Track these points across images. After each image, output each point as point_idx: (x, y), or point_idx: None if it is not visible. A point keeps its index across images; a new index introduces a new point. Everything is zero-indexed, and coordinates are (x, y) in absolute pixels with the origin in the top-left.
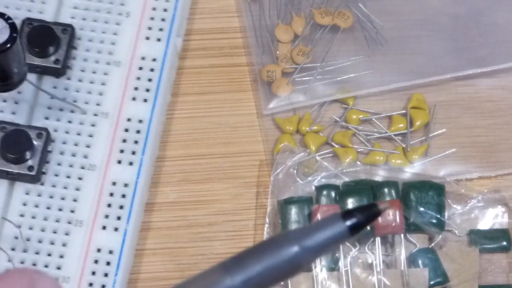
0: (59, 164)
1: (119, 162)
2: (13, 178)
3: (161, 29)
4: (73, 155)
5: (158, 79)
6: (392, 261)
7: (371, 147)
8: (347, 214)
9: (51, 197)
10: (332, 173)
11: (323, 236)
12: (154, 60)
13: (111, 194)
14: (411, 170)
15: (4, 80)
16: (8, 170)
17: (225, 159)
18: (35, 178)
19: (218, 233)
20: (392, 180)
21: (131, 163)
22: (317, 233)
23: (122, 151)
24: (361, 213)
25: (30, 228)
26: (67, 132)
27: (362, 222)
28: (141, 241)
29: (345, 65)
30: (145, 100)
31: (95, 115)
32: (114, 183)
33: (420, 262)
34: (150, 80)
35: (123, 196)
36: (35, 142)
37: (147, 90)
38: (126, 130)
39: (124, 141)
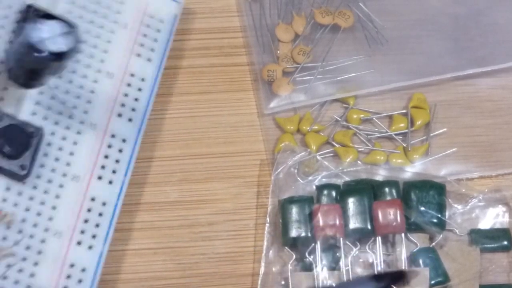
0: (42, 166)
1: (100, 178)
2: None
3: (152, 50)
4: (57, 159)
5: (147, 102)
6: (393, 260)
7: (372, 147)
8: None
9: (31, 198)
10: (333, 172)
11: None
12: (143, 80)
13: (89, 210)
14: (411, 170)
15: (34, 80)
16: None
17: (226, 158)
18: (23, 177)
19: (219, 232)
20: (393, 179)
21: (110, 182)
22: None
23: (103, 167)
24: (392, 279)
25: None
26: (52, 134)
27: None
28: (142, 241)
29: (346, 64)
30: (130, 120)
31: (82, 122)
32: (93, 199)
33: (421, 261)
34: (136, 99)
35: (100, 214)
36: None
37: (133, 110)
38: (110, 146)
39: (106, 157)
